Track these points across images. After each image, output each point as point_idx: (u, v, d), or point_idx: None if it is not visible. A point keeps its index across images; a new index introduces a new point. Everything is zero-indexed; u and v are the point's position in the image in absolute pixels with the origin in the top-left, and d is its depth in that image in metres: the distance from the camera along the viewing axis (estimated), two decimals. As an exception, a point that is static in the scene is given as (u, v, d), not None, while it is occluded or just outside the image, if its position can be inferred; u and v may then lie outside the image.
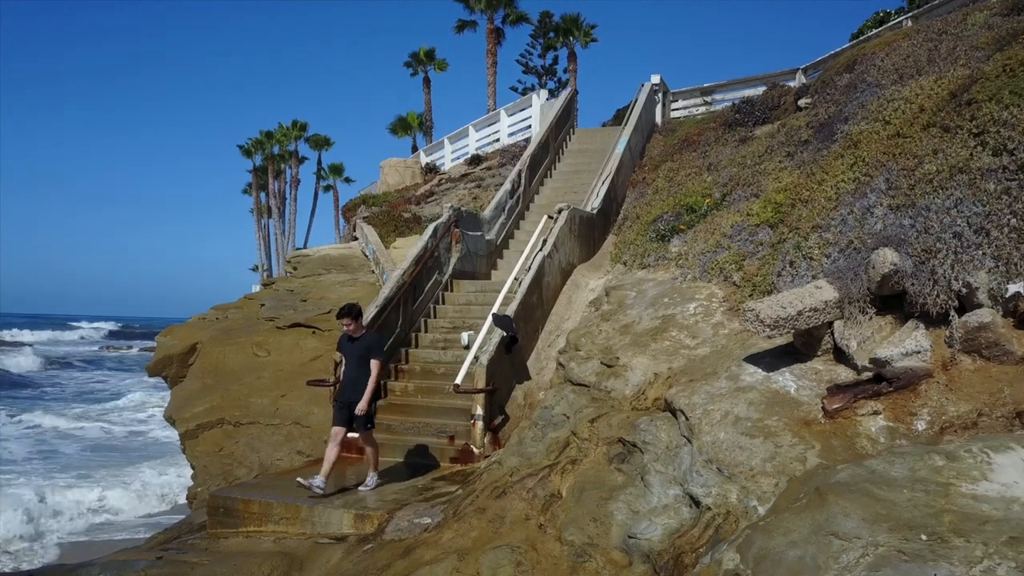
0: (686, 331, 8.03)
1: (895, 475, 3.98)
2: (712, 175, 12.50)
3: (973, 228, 5.60)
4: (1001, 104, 6.33)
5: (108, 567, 6.36)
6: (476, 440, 8.67)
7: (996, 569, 3.28)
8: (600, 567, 5.47)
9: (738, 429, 5.57)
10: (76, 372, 43.87)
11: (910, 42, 10.39)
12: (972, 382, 5.32)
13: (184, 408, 11.38)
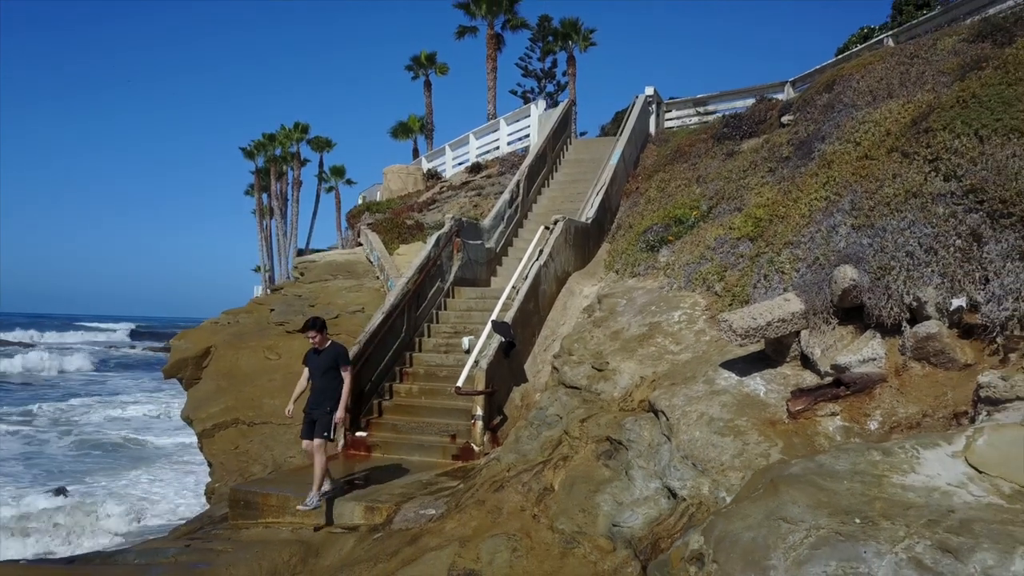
0: (670, 338, 8.61)
1: (838, 468, 4.55)
2: (701, 187, 13.08)
3: (923, 248, 6.17)
4: (953, 133, 6.91)
5: (143, 554, 6.95)
6: (476, 439, 9.25)
7: (915, 547, 3.85)
8: (587, 552, 6.05)
9: (711, 428, 6.15)
10: (141, 373, 44.51)
11: (884, 65, 10.97)
12: (920, 386, 5.89)
13: (200, 409, 11.97)
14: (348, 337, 13.08)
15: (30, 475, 17.12)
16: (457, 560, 6.20)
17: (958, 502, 4.10)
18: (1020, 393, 4.89)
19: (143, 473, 17.54)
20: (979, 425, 4.76)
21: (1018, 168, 6.07)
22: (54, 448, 20.45)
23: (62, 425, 23.91)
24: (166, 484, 16.43)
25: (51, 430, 22.91)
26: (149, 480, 16.85)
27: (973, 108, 6.99)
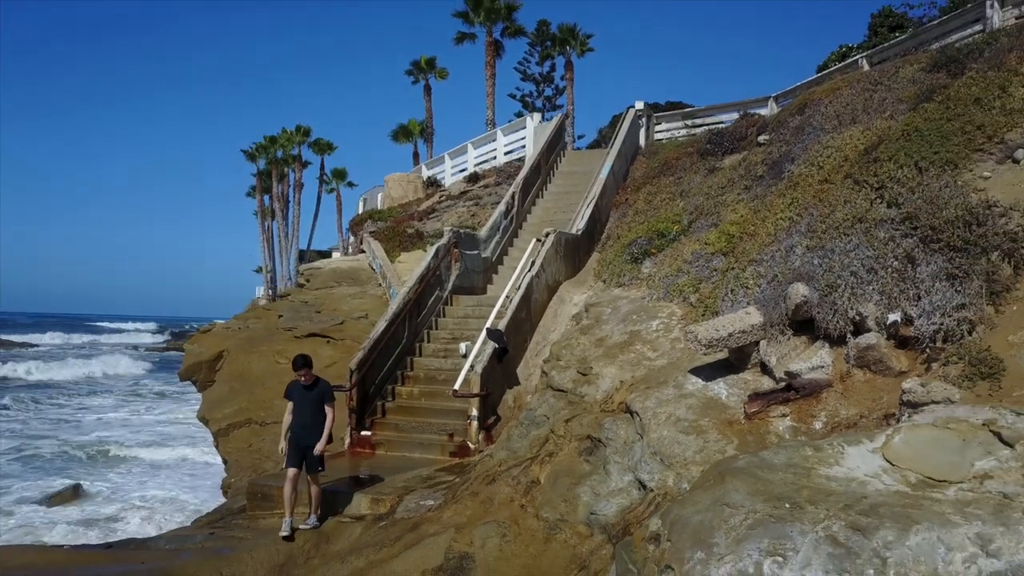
0: (648, 345, 9.35)
1: (776, 462, 5.29)
2: (684, 201, 13.81)
3: (865, 268, 6.91)
4: (897, 164, 7.65)
5: (172, 540, 7.69)
6: (472, 437, 10.00)
7: (832, 526, 4.58)
8: (568, 538, 6.79)
9: (678, 428, 6.89)
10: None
11: (850, 91, 11.70)
12: (861, 391, 6.64)
13: (215, 409, 12.72)
14: (353, 342, 13.86)
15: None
16: (453, 544, 6.94)
17: (871, 490, 4.84)
18: (935, 397, 5.63)
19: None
20: (899, 425, 5.50)
21: (947, 198, 6.82)
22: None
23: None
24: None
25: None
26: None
27: (915, 141, 7.73)
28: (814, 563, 4.47)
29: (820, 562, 4.42)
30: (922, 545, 4.33)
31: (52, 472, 17.49)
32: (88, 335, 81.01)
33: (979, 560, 4.20)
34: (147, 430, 23.42)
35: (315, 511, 7.98)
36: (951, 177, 7.16)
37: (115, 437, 22.45)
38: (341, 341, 13.87)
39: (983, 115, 7.58)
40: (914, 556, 4.30)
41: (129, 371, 44.34)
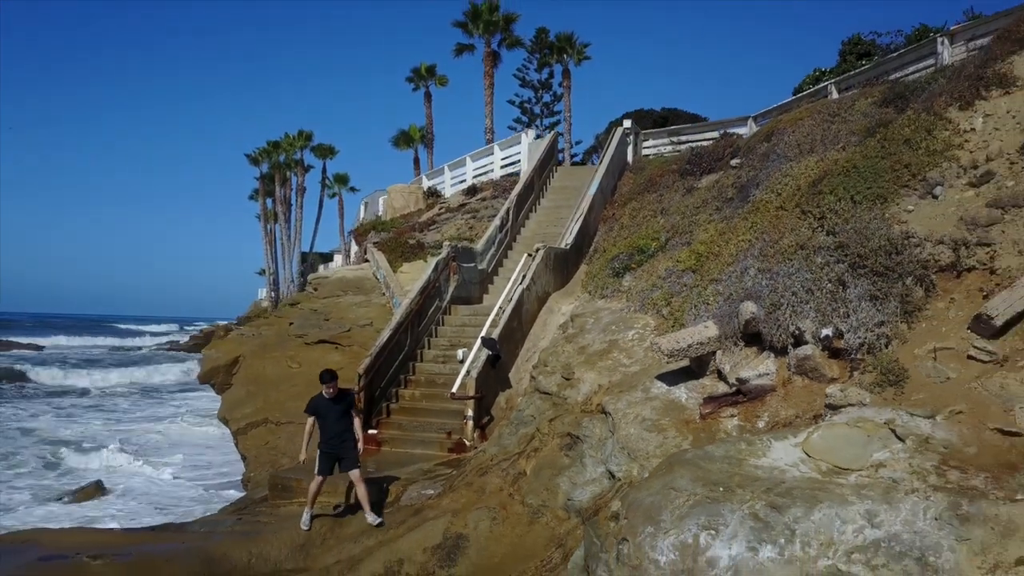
0: (624, 353, 10.38)
1: (716, 454, 6.31)
2: (664, 218, 14.84)
3: (804, 289, 7.94)
4: (836, 196, 8.68)
5: (205, 524, 8.72)
6: (467, 435, 11.03)
7: (755, 506, 5.60)
8: (549, 520, 7.83)
9: (643, 426, 7.93)
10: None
11: (811, 121, 12.73)
12: (799, 395, 7.67)
13: (234, 410, 13.74)
14: (359, 348, 14.88)
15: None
16: (450, 527, 7.98)
17: (788, 476, 5.87)
18: (851, 401, 6.67)
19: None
20: (819, 424, 6.53)
21: (874, 230, 7.85)
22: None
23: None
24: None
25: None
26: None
27: (853, 176, 8.76)
28: (739, 535, 5.49)
29: (744, 534, 5.45)
30: (823, 519, 5.36)
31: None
32: (115, 338, 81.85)
33: (865, 530, 5.24)
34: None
35: (370, 509, 8.43)
36: (880, 210, 8.19)
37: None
38: (348, 347, 14.90)
39: (910, 154, 8.61)
40: (816, 528, 5.33)
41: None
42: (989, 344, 6.46)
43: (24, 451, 18.98)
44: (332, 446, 8.42)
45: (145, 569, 7.21)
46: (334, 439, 8.43)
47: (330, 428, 8.47)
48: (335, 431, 8.45)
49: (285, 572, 7.75)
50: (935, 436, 5.88)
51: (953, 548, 4.97)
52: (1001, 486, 5.31)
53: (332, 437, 8.44)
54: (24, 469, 17.24)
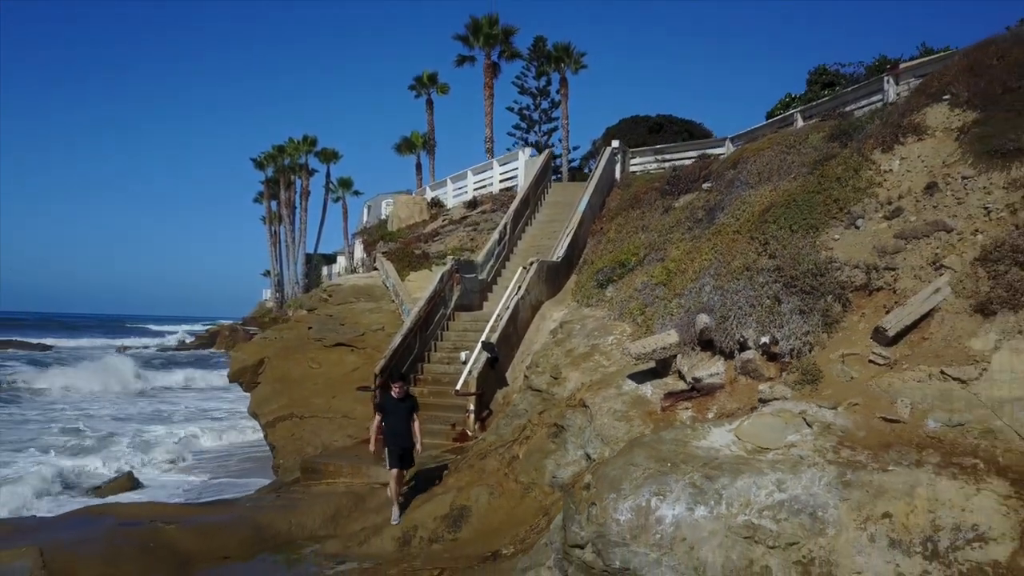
0: (604, 355, 11.89)
1: (667, 438, 7.80)
2: (644, 235, 16.33)
3: (748, 304, 9.44)
4: (778, 225, 10.18)
5: (250, 500, 10.24)
6: (470, 426, 12.53)
7: (693, 476, 7.09)
8: (537, 495, 9.32)
9: (614, 417, 9.43)
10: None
11: (771, 152, 14.21)
12: (743, 391, 9.16)
13: (263, 406, 15.24)
14: (373, 350, 16.37)
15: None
16: (455, 500, 9.48)
17: (721, 455, 7.36)
18: (776, 396, 8.16)
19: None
20: (751, 415, 8.02)
21: (805, 255, 9.35)
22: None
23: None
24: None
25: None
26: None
27: (792, 207, 10.26)
28: (680, 499, 6.98)
29: (684, 498, 6.93)
30: (743, 486, 6.85)
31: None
32: (141, 337, 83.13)
33: (775, 494, 6.73)
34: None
35: (398, 505, 9.33)
36: (812, 238, 9.68)
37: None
38: (363, 349, 16.37)
39: (840, 190, 10.10)
40: (738, 492, 6.83)
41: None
42: (885, 351, 7.97)
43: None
44: (398, 443, 9.20)
45: (208, 533, 8.71)
46: (400, 436, 9.19)
47: (396, 426, 9.22)
48: (400, 429, 9.20)
49: (319, 537, 9.23)
50: (835, 423, 7.39)
51: (837, 506, 6.48)
52: (878, 460, 6.82)
53: (398, 435, 9.20)
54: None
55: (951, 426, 7.07)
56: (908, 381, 7.54)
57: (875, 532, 6.34)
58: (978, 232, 8.32)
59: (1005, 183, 8.55)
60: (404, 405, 9.34)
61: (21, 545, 7.78)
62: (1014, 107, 9.23)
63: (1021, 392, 6.99)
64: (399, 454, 9.21)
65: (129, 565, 7.65)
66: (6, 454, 17.83)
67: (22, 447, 18.84)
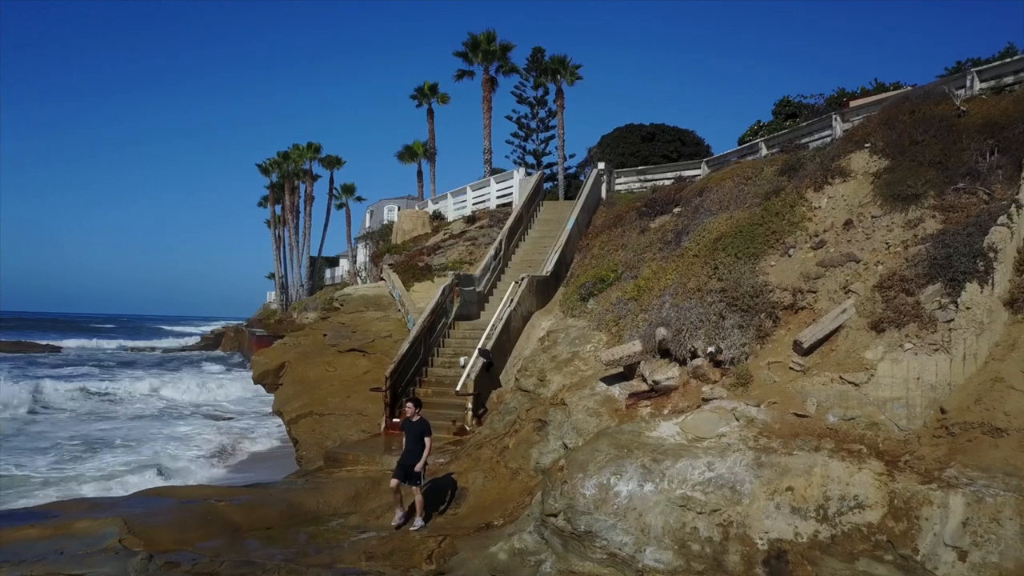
0: (583, 361, 13.58)
1: (626, 430, 9.50)
2: (623, 253, 18.01)
3: (699, 319, 11.14)
4: (727, 252, 11.89)
5: (283, 483, 11.90)
6: (468, 422, 14.21)
7: (644, 459, 8.79)
8: (523, 478, 10.99)
9: (587, 413, 11.12)
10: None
11: (731, 182, 15.91)
12: (692, 392, 10.85)
13: (286, 404, 16.92)
14: (382, 356, 18.05)
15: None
16: (456, 482, 11.16)
17: (666, 443, 9.06)
18: (715, 396, 9.86)
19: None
20: (694, 412, 9.72)
21: (745, 279, 11.06)
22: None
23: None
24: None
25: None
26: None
27: (738, 238, 11.98)
28: (633, 477, 8.67)
29: (636, 477, 8.62)
30: (682, 466, 8.55)
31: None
32: (149, 339, 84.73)
33: (705, 473, 8.42)
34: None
35: (420, 514, 9.81)
36: (752, 265, 11.39)
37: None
38: (373, 355, 18.04)
39: (778, 223, 11.80)
40: (677, 472, 8.52)
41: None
42: (801, 360, 9.68)
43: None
44: (406, 459, 9.90)
45: (252, 509, 10.40)
46: (407, 454, 9.87)
47: (407, 444, 9.95)
48: (409, 447, 9.87)
49: (343, 513, 10.91)
50: (758, 418, 9.10)
51: (752, 482, 8.18)
52: (787, 447, 8.52)
53: (407, 452, 9.88)
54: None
55: (845, 420, 8.80)
56: (816, 384, 9.26)
57: (780, 501, 8.06)
58: (879, 263, 10.05)
59: (903, 223, 10.27)
60: (415, 428, 9.97)
61: (106, 517, 9.47)
62: (917, 158, 10.95)
63: (899, 393, 8.71)
64: (404, 468, 9.85)
65: (193, 532, 9.33)
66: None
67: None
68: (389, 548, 9.25)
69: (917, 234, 9.95)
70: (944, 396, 8.49)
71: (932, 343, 8.74)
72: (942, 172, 10.47)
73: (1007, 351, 8.43)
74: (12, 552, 8.56)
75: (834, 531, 7.82)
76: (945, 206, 10.03)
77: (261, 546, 9.25)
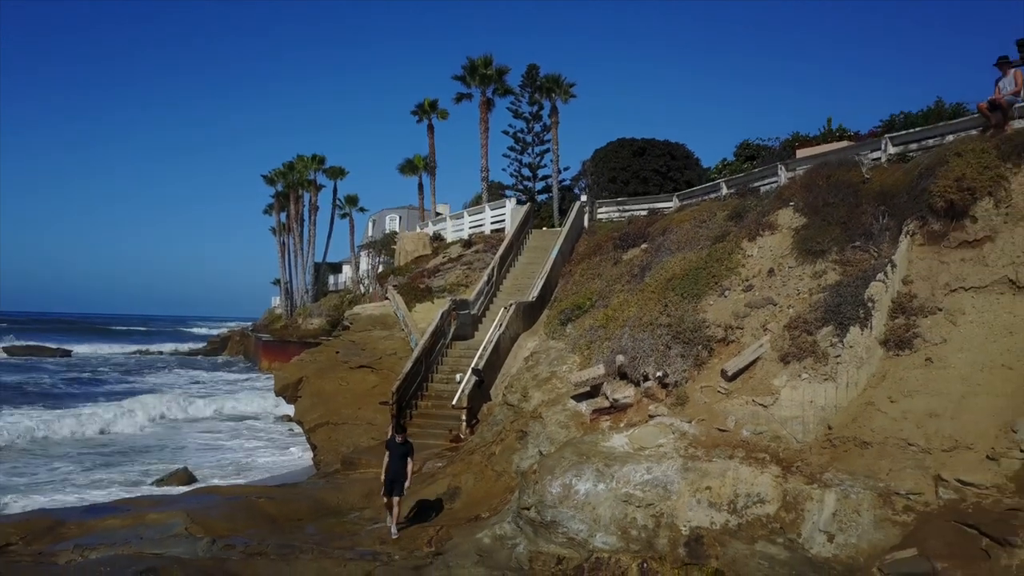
0: (559, 380, 15.67)
1: (586, 440, 11.58)
2: (598, 282, 20.10)
3: (650, 348, 13.24)
4: (675, 292, 14.00)
5: (308, 483, 13.99)
6: (462, 431, 16.30)
7: (598, 464, 10.87)
8: (507, 479, 13.06)
9: (559, 425, 13.22)
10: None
11: (689, 224, 18.00)
12: (644, 409, 12.92)
13: (305, 414, 19.01)
14: (389, 371, 20.12)
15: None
16: (450, 483, 13.25)
17: (617, 451, 11.13)
18: (659, 413, 11.97)
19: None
20: (641, 426, 11.82)
21: (688, 316, 13.17)
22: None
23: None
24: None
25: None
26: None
27: (686, 279, 14.09)
28: (590, 479, 10.71)
29: (592, 478, 10.70)
30: (628, 470, 10.63)
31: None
32: (134, 343, 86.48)
33: (645, 475, 10.50)
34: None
35: (396, 523, 11.18)
36: (695, 303, 13.50)
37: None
38: (380, 371, 20.11)
39: (718, 268, 13.91)
40: (624, 473, 10.60)
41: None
42: (726, 385, 11.79)
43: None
44: (391, 477, 11.08)
45: (285, 504, 12.47)
46: (393, 473, 11.08)
47: (393, 465, 11.08)
48: (396, 468, 11.07)
49: (358, 508, 12.98)
50: (689, 431, 11.20)
51: (679, 482, 10.26)
52: (709, 455, 10.62)
53: (392, 472, 11.07)
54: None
55: (756, 434, 10.90)
56: (736, 405, 11.37)
57: (701, 497, 10.14)
58: (790, 307, 12.17)
59: (811, 273, 12.41)
60: (401, 449, 11.22)
61: (171, 510, 11.56)
62: (827, 218, 13.08)
63: (797, 413, 10.81)
64: (390, 485, 11.03)
65: (241, 522, 11.40)
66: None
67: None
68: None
69: (820, 283, 12.08)
70: (831, 416, 10.60)
71: (823, 374, 10.86)
72: (845, 231, 12.59)
73: (879, 381, 10.55)
74: (101, 537, 10.65)
75: (740, 520, 9.91)
76: (844, 261, 12.15)
77: (297, 533, 11.34)
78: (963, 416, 9.56)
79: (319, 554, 10.20)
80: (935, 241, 11.31)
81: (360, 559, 9.95)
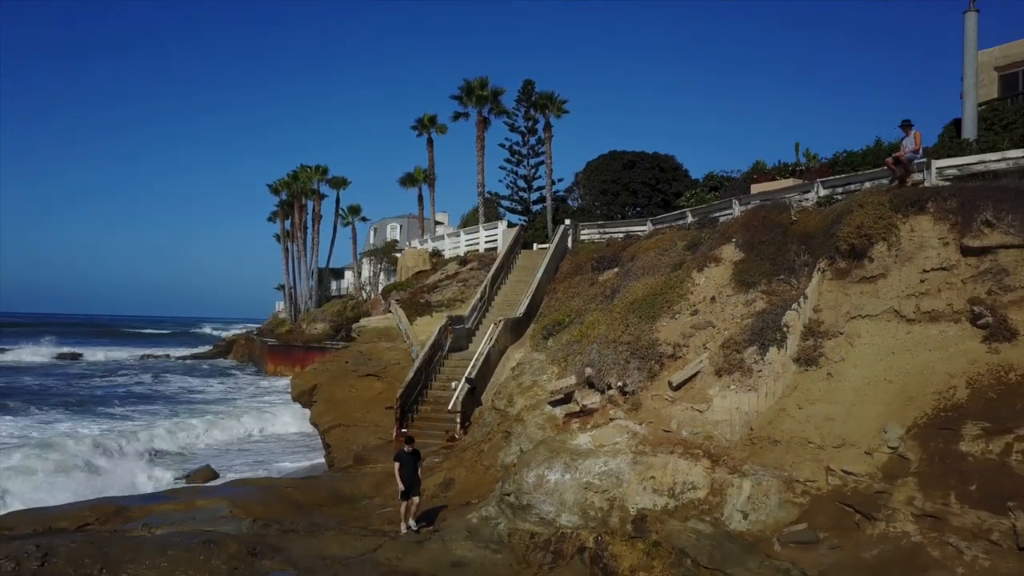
0: (540, 388, 17.85)
1: (557, 439, 13.72)
2: (577, 300, 22.29)
3: (613, 362, 15.43)
4: (635, 314, 16.20)
5: (326, 475, 16.15)
6: (457, 432, 18.47)
7: (566, 459, 13.04)
8: (494, 472, 15.22)
9: (537, 427, 15.40)
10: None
11: (654, 251, 20.20)
12: (607, 413, 15.12)
13: (321, 417, 21.16)
14: (393, 380, 22.29)
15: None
16: (447, 475, 15.42)
17: (582, 448, 13.28)
18: (618, 417, 14.15)
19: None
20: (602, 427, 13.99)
21: (645, 335, 15.39)
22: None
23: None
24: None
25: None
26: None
27: (644, 303, 16.30)
28: (559, 470, 12.84)
29: (560, 470, 12.93)
30: (590, 463, 12.79)
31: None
32: (139, 347, 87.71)
33: (603, 467, 12.68)
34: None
35: (414, 519, 12.52)
36: (650, 324, 15.69)
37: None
38: (386, 379, 22.27)
39: (671, 294, 16.11)
40: (587, 466, 12.75)
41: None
42: (672, 394, 13.99)
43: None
44: (406, 484, 12.34)
45: (309, 492, 14.62)
46: (407, 480, 12.35)
47: (408, 472, 12.37)
48: (411, 475, 12.39)
49: (370, 496, 15.15)
50: (640, 432, 13.39)
51: (629, 472, 12.42)
52: (654, 451, 12.79)
53: (406, 478, 12.33)
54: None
55: (693, 434, 13.08)
56: (678, 410, 13.56)
57: (647, 485, 12.29)
58: (726, 329, 14.38)
59: (744, 301, 14.62)
60: (412, 459, 12.50)
61: (216, 497, 13.72)
62: (760, 254, 15.29)
63: (726, 417, 12.99)
64: (408, 492, 12.34)
65: (275, 506, 13.55)
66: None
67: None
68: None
69: (750, 310, 14.29)
70: (752, 419, 12.80)
71: (748, 385, 13.07)
72: (773, 266, 14.79)
73: (791, 391, 12.76)
74: (161, 519, 12.79)
75: (677, 503, 12.07)
76: (770, 291, 14.37)
77: (319, 516, 13.51)
78: (851, 420, 11.76)
79: (339, 531, 12.36)
80: (841, 276, 13.53)
81: (372, 535, 12.10)
